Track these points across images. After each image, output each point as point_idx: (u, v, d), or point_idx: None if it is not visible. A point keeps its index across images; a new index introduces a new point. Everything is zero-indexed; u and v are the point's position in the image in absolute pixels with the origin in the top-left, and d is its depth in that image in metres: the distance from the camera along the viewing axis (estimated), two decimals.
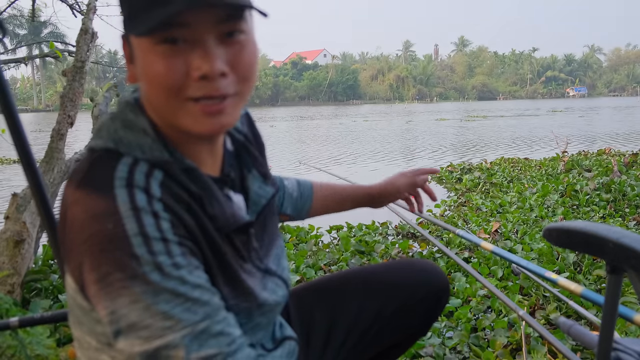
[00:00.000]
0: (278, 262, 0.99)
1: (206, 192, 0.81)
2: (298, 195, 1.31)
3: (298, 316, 1.20)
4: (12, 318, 1.43)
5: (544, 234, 1.04)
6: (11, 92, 1.13)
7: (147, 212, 0.72)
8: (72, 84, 3.05)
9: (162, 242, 0.71)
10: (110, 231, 0.70)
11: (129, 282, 0.69)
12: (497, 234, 3.99)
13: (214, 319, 0.73)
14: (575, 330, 1.41)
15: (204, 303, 0.72)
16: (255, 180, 0.96)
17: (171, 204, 0.75)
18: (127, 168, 0.75)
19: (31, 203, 2.73)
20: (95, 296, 0.72)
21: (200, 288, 0.73)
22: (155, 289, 0.69)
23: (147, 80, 0.76)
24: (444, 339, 2.23)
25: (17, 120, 1.13)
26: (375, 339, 1.21)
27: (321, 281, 1.30)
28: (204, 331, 0.71)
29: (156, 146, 0.79)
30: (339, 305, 1.21)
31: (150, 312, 0.69)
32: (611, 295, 0.94)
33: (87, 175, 0.76)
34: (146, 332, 0.69)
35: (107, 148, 0.79)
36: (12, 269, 2.51)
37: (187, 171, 0.80)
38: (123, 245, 0.69)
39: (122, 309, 0.69)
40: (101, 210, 0.71)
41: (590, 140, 13.61)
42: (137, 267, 0.69)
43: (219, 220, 0.82)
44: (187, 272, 0.72)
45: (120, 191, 0.72)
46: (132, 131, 0.80)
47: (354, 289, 1.23)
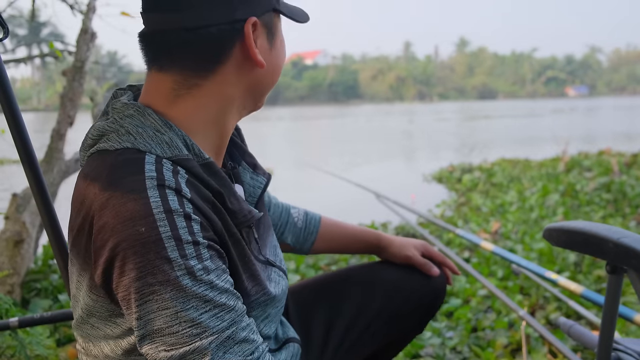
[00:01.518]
0: (275, 253, 1.00)
1: (225, 188, 0.82)
2: (303, 226, 1.25)
3: (297, 315, 1.20)
4: (12, 318, 1.43)
5: (544, 234, 1.04)
6: (13, 91, 1.13)
7: (180, 214, 0.71)
8: (72, 84, 3.05)
9: (194, 245, 0.71)
10: (143, 234, 0.69)
11: (160, 286, 0.69)
12: (497, 234, 3.99)
13: (239, 326, 0.73)
14: (575, 331, 1.42)
15: (230, 309, 0.73)
16: (246, 171, 0.97)
17: (199, 204, 0.75)
18: (154, 167, 0.74)
19: (31, 203, 2.73)
20: (124, 300, 0.71)
21: (227, 293, 0.73)
22: (185, 294, 0.69)
23: (282, 59, 0.89)
24: (444, 339, 2.23)
25: (20, 120, 1.13)
26: (373, 337, 1.22)
27: (318, 280, 1.30)
28: (230, 338, 0.72)
29: (175, 143, 0.78)
30: (337, 305, 1.21)
31: (179, 319, 0.69)
32: (611, 295, 0.94)
33: (114, 176, 0.73)
34: (173, 338, 0.69)
35: (124, 148, 0.77)
36: (11, 269, 2.51)
37: (205, 166, 0.80)
38: (157, 249, 0.69)
39: (150, 314, 0.69)
40: (134, 213, 0.70)
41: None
42: (169, 272, 0.69)
43: (237, 216, 0.83)
44: (216, 277, 0.73)
45: (153, 192, 0.71)
46: (145, 131, 0.78)
47: (352, 288, 1.23)
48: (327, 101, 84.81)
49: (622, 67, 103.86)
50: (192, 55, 0.80)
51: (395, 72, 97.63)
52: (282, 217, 1.24)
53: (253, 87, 0.86)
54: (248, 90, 0.86)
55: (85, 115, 3.84)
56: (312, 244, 1.26)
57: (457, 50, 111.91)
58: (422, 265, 1.25)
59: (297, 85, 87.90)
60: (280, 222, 1.23)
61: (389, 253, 1.28)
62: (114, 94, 0.89)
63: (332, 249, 1.30)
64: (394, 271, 1.27)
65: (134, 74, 43.47)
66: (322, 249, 1.29)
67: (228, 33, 0.79)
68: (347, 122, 29.32)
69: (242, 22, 0.79)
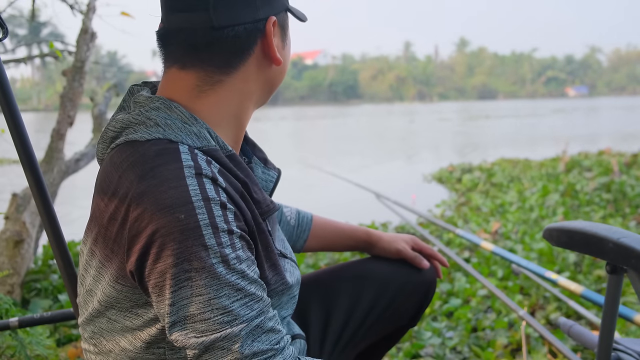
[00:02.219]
0: (284, 245, 1.02)
1: (249, 178, 0.84)
2: (295, 224, 1.27)
3: (294, 312, 1.21)
4: (12, 318, 1.43)
5: (544, 234, 1.04)
6: (13, 91, 1.13)
7: (217, 202, 0.73)
8: (72, 84, 3.05)
9: (228, 234, 0.73)
10: (182, 222, 0.70)
11: (196, 273, 0.70)
12: (497, 234, 3.99)
13: (267, 316, 0.75)
14: (575, 331, 1.42)
15: (259, 299, 0.75)
16: (258, 166, 0.99)
17: (232, 193, 0.77)
18: (189, 156, 0.75)
19: (31, 203, 2.73)
20: (156, 286, 0.72)
21: (255, 283, 0.75)
22: (219, 282, 0.71)
23: (289, 57, 0.94)
24: (444, 339, 2.23)
25: (19, 120, 1.13)
26: (368, 331, 1.23)
27: (313, 277, 1.30)
28: (258, 326, 0.73)
29: (203, 134, 0.81)
30: (332, 301, 1.22)
31: (211, 306, 0.71)
32: (611, 295, 0.94)
33: (150, 165, 0.74)
34: (204, 325, 0.71)
35: (154, 138, 0.78)
36: (11, 269, 2.51)
37: (230, 157, 0.82)
38: (195, 236, 0.70)
39: (183, 300, 0.71)
40: (173, 200, 0.71)
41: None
42: (206, 258, 0.70)
43: (262, 205, 0.85)
44: (247, 266, 0.74)
45: (191, 181, 0.73)
46: (173, 122, 0.80)
47: (345, 283, 1.25)
48: (327, 101, 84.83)
49: (622, 67, 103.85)
50: (218, 53, 0.83)
51: (395, 72, 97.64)
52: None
53: (269, 83, 0.91)
54: (264, 86, 0.90)
55: (85, 115, 3.84)
56: (304, 242, 1.29)
57: (457, 50, 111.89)
58: (412, 259, 1.27)
59: (297, 85, 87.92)
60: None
61: (379, 248, 1.30)
62: (130, 89, 0.91)
63: (323, 247, 1.33)
64: (385, 266, 1.28)
65: (134, 73, 43.48)
66: (314, 246, 1.31)
67: (252, 32, 0.84)
68: (347, 122, 29.33)
69: (264, 21, 0.84)
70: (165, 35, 0.85)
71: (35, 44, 8.70)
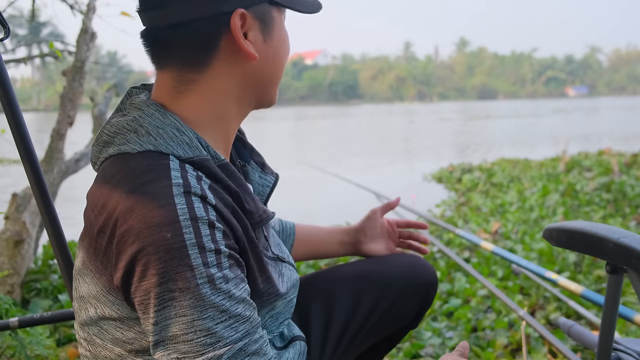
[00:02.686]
0: (281, 249, 1.01)
1: (242, 188, 0.82)
2: (280, 229, 1.27)
3: (295, 313, 1.20)
4: (12, 318, 1.43)
5: (544, 234, 1.04)
6: (14, 91, 1.13)
7: (205, 222, 0.72)
8: (72, 84, 3.05)
9: (215, 253, 0.71)
10: (168, 241, 0.69)
11: (180, 293, 0.69)
12: (497, 234, 3.99)
13: (252, 337, 0.74)
14: (575, 331, 1.42)
15: (245, 320, 0.74)
16: (255, 170, 0.98)
17: (222, 210, 0.75)
18: (179, 173, 0.74)
19: (31, 203, 2.73)
20: (141, 304, 0.72)
21: (243, 303, 0.74)
22: (204, 303, 0.70)
23: (283, 52, 0.87)
24: (444, 339, 2.23)
25: (21, 119, 1.13)
26: (369, 333, 1.23)
27: (313, 278, 1.30)
28: (242, 350, 0.72)
29: (195, 144, 0.79)
30: (334, 303, 1.21)
31: (195, 327, 0.70)
32: (611, 295, 0.94)
33: (139, 181, 0.73)
34: (186, 346, 0.70)
35: (145, 151, 0.77)
36: (11, 269, 2.51)
37: (222, 167, 0.81)
38: (180, 255, 0.69)
39: (166, 320, 0.70)
40: (160, 219, 0.70)
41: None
42: (191, 279, 0.69)
43: (254, 216, 0.83)
44: (234, 285, 0.73)
45: (179, 199, 0.71)
46: (165, 131, 0.79)
47: (346, 285, 1.24)
48: (327, 101, 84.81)
49: (622, 67, 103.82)
50: (184, 51, 0.81)
51: (395, 72, 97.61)
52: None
53: (250, 81, 0.85)
54: (245, 84, 0.85)
55: (85, 115, 3.84)
56: (291, 247, 1.28)
57: (457, 50, 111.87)
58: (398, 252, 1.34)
59: (297, 85, 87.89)
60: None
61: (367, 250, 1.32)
62: (129, 92, 0.90)
63: (312, 251, 1.32)
64: (386, 266, 1.28)
65: (134, 73, 43.49)
66: (302, 252, 1.30)
67: (214, 27, 0.79)
68: (347, 122, 29.32)
69: (228, 15, 0.79)
70: (142, 36, 0.84)
71: (35, 44, 8.69)
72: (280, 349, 1.01)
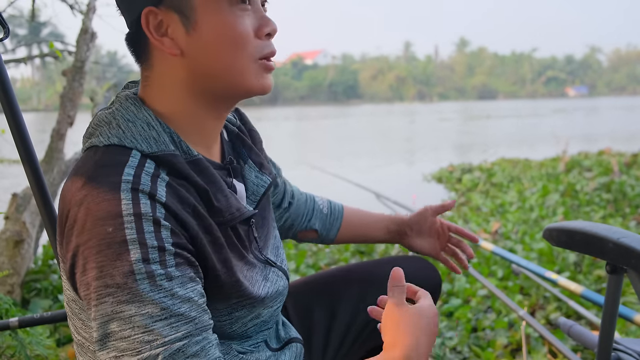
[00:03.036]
0: (277, 253, 1.00)
1: (212, 185, 0.82)
2: (328, 212, 1.29)
3: (297, 315, 1.20)
4: (12, 318, 1.43)
5: (544, 234, 1.04)
6: (14, 91, 1.13)
7: (149, 219, 0.71)
8: (72, 84, 3.05)
9: (158, 250, 0.70)
10: (108, 235, 0.69)
11: (117, 289, 0.68)
12: (497, 234, 3.99)
13: (193, 339, 0.71)
14: (575, 331, 1.42)
15: (189, 320, 0.71)
16: (252, 170, 0.97)
17: (176, 208, 0.74)
18: (133, 170, 0.74)
19: (31, 203, 2.73)
20: (85, 298, 0.71)
21: (189, 303, 0.72)
22: (142, 299, 0.68)
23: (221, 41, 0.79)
24: (444, 339, 2.23)
25: (20, 119, 1.13)
26: (372, 335, 1.22)
27: (317, 278, 1.30)
28: (180, 350, 0.69)
29: (162, 139, 0.79)
30: (337, 304, 1.21)
31: (132, 324, 0.68)
32: (611, 295, 0.94)
33: (93, 174, 0.74)
34: (124, 343, 0.68)
35: (111, 144, 0.78)
36: (11, 269, 2.51)
37: (193, 163, 0.81)
38: (119, 250, 0.69)
39: (105, 316, 0.69)
40: (104, 213, 0.70)
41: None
42: (129, 274, 0.68)
43: (224, 214, 0.82)
44: (179, 284, 0.71)
45: (126, 195, 0.71)
46: (135, 125, 0.79)
47: (350, 286, 1.23)
48: (327, 101, 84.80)
49: (622, 67, 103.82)
50: (133, 51, 0.85)
51: (395, 72, 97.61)
52: (307, 205, 1.28)
53: (192, 75, 0.82)
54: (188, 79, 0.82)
55: (85, 115, 3.84)
56: (337, 230, 1.29)
57: (457, 50, 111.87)
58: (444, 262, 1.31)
59: (297, 85, 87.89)
60: (306, 210, 1.27)
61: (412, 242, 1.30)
62: (125, 85, 0.92)
63: (356, 236, 1.32)
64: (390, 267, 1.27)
65: (134, 74, 43.51)
66: (347, 236, 1.31)
67: (137, 24, 0.81)
68: (347, 122, 29.33)
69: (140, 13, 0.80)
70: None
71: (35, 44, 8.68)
72: (276, 351, 1.00)
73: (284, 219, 1.24)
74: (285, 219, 1.25)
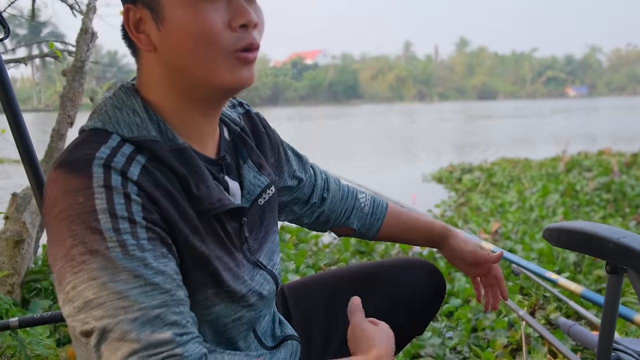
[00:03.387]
0: (270, 257, 0.99)
1: (195, 174, 0.82)
2: (369, 211, 1.25)
3: (297, 313, 1.20)
4: (12, 318, 1.43)
5: (544, 234, 1.04)
6: (14, 91, 1.13)
7: (119, 192, 0.73)
8: (72, 84, 3.05)
9: (129, 222, 0.72)
10: (79, 205, 0.71)
11: (89, 256, 0.69)
12: (497, 234, 3.99)
13: (171, 309, 0.71)
14: (575, 331, 1.42)
15: (164, 291, 0.71)
16: (250, 170, 0.96)
17: (148, 188, 0.76)
18: (109, 150, 0.76)
19: (31, 203, 2.73)
20: (58, 273, 0.72)
21: (163, 275, 0.72)
22: (114, 266, 0.69)
23: (188, 36, 0.78)
24: (444, 339, 2.23)
25: (20, 119, 1.13)
26: None
27: (319, 278, 1.30)
28: (159, 317, 0.69)
29: (145, 125, 0.81)
30: (339, 304, 1.20)
31: (107, 289, 0.68)
32: (611, 295, 0.94)
33: (70, 154, 0.77)
34: (101, 310, 0.68)
35: (95, 128, 0.80)
36: (11, 269, 2.51)
37: (177, 151, 0.81)
38: (89, 219, 0.70)
39: (81, 285, 0.69)
40: (75, 186, 0.72)
41: None
42: (100, 242, 0.69)
43: (204, 203, 0.82)
44: (152, 256, 0.72)
45: (97, 169, 0.73)
46: (121, 111, 0.81)
47: (354, 287, 1.23)
48: (327, 101, 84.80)
49: (622, 67, 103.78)
50: (126, 46, 0.87)
51: (395, 72, 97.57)
52: (347, 201, 1.24)
53: (170, 70, 0.82)
54: (168, 74, 0.83)
55: (85, 115, 3.84)
56: (377, 230, 1.26)
57: (457, 50, 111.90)
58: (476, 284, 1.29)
59: (297, 85, 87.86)
60: (345, 206, 1.23)
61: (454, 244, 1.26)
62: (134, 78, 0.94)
63: (396, 237, 1.30)
64: (394, 270, 1.27)
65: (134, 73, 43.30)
66: (387, 236, 1.28)
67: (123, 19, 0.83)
68: (347, 121, 29.33)
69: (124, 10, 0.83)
70: None
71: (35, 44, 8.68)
72: (271, 349, 1.00)
73: (316, 215, 1.21)
74: (318, 215, 1.21)
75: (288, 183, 1.13)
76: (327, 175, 1.24)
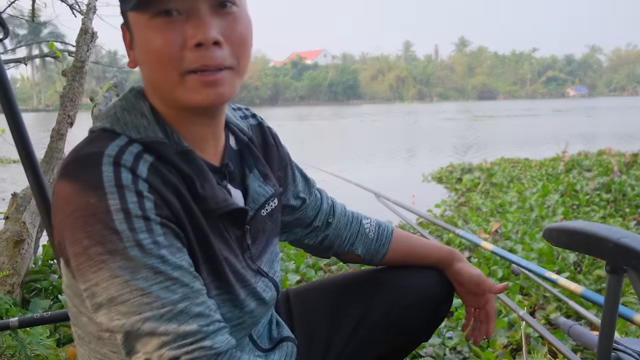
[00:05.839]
0: (270, 266, 0.99)
1: (200, 175, 0.83)
2: (374, 237, 1.23)
3: (301, 317, 1.20)
4: (12, 318, 1.43)
5: (544, 234, 1.04)
6: (13, 91, 1.13)
7: (131, 190, 0.73)
8: (72, 84, 3.05)
9: (144, 220, 0.72)
10: (93, 205, 0.71)
11: (108, 256, 0.70)
12: (497, 234, 3.99)
13: (194, 301, 0.73)
14: (575, 330, 1.42)
15: (184, 284, 0.73)
16: (256, 179, 0.96)
17: (157, 185, 0.76)
18: (117, 148, 0.76)
19: (31, 203, 2.73)
20: (77, 270, 0.73)
21: (181, 269, 0.74)
22: (134, 265, 0.70)
23: (146, 57, 0.78)
24: (444, 339, 2.23)
25: (20, 119, 1.14)
26: (377, 343, 1.20)
27: (325, 282, 1.29)
28: (183, 311, 0.72)
29: (152, 128, 0.81)
30: (343, 308, 1.20)
31: (130, 287, 0.70)
32: (611, 295, 0.94)
33: (79, 152, 0.77)
34: (124, 307, 0.70)
35: (104, 128, 0.81)
36: (12, 269, 2.51)
37: (182, 153, 0.82)
38: (105, 220, 0.71)
39: (102, 283, 0.70)
40: (86, 185, 0.72)
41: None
42: (117, 242, 0.70)
43: (209, 203, 0.83)
44: (169, 252, 0.73)
45: (107, 168, 0.73)
46: (129, 113, 0.82)
47: (358, 292, 1.22)
48: (327, 101, 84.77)
49: (622, 67, 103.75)
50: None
51: (395, 72, 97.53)
52: (351, 227, 1.22)
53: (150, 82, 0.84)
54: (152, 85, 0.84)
55: (85, 115, 3.84)
56: (383, 256, 1.23)
57: (457, 50, 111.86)
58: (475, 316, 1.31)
59: (297, 85, 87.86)
60: (350, 232, 1.21)
61: (460, 267, 1.24)
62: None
63: (403, 262, 1.26)
64: (399, 277, 1.24)
65: (134, 73, 43.60)
66: (392, 261, 1.25)
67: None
68: (347, 121, 29.33)
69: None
70: None
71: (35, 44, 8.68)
72: (267, 351, 1.00)
73: (320, 238, 1.19)
74: (322, 238, 1.20)
75: (291, 202, 1.12)
76: (333, 201, 1.24)
